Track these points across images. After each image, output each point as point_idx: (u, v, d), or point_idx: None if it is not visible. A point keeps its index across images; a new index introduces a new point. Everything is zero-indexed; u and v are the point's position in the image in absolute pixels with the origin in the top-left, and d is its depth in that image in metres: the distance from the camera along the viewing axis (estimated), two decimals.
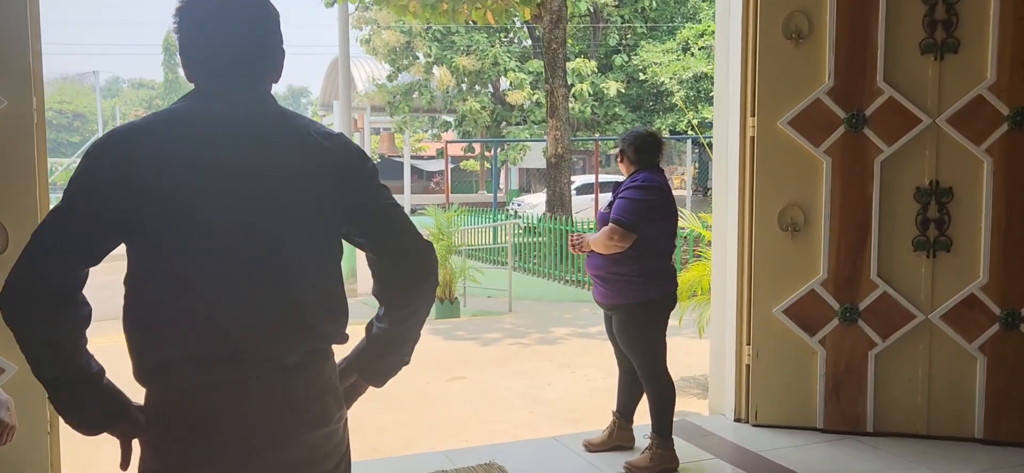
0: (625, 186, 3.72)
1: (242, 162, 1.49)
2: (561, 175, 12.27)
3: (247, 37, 1.58)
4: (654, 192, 3.68)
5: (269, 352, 1.49)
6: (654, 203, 3.66)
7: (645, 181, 3.68)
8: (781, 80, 4.23)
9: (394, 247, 1.67)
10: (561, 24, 12.36)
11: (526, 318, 8.18)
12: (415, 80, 26.03)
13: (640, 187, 3.66)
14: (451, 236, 8.87)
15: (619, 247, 3.60)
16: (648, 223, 3.64)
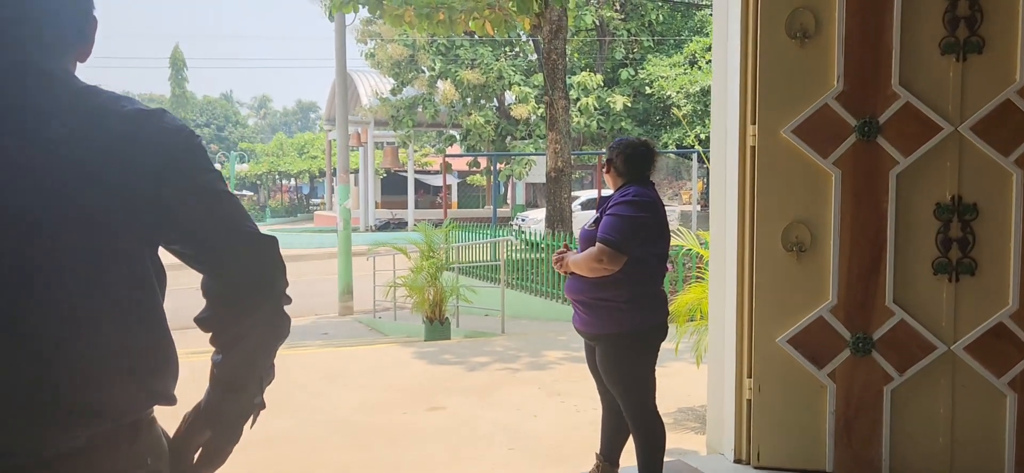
0: (614, 201, 3.31)
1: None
2: (561, 190, 11.87)
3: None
4: (646, 209, 3.27)
5: (16, 445, 1.07)
6: (647, 221, 3.26)
7: (636, 196, 3.28)
8: (784, 84, 3.81)
9: (211, 248, 1.27)
10: (561, 35, 11.99)
11: (518, 340, 7.76)
12: (419, 94, 25.80)
13: (631, 203, 3.25)
14: (441, 253, 8.46)
15: (606, 270, 3.19)
16: (640, 243, 3.23)
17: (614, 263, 3.17)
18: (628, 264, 3.19)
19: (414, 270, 8.30)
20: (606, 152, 3.50)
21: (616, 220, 3.21)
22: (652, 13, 24.68)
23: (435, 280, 8.16)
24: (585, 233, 3.40)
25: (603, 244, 3.18)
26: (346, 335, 11.73)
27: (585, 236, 3.38)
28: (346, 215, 14.35)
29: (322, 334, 11.87)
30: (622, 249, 3.17)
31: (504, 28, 12.23)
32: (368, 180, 29.54)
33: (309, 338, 11.40)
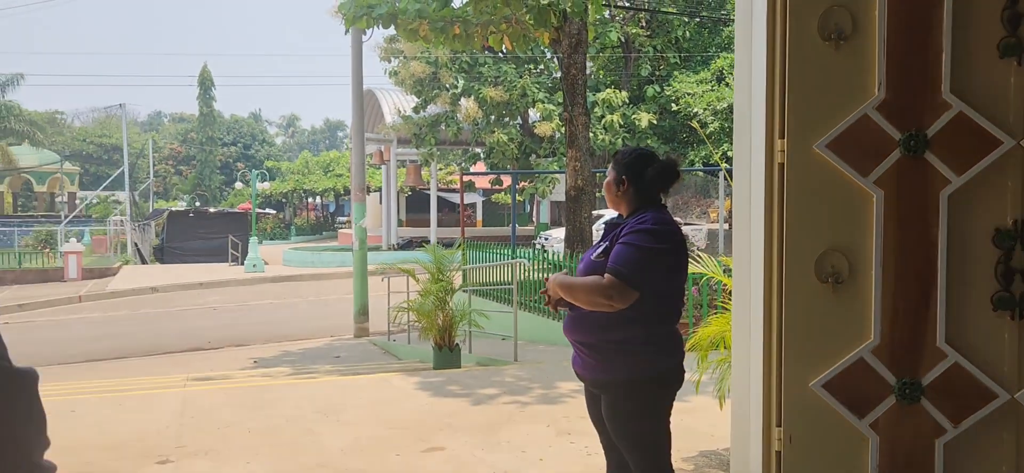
0: (629, 228, 2.83)
1: None
2: (581, 209, 11.43)
3: None
4: (667, 239, 2.83)
5: None
6: (667, 253, 2.82)
7: (656, 224, 2.81)
8: (817, 92, 3.34)
9: None
10: (581, 49, 11.58)
11: (531, 369, 7.31)
12: (442, 112, 25.55)
13: (651, 232, 2.79)
14: (451, 275, 8.04)
15: (611, 306, 2.74)
16: (658, 278, 2.78)
17: (623, 300, 2.72)
18: (643, 300, 2.75)
19: (422, 293, 7.90)
20: (615, 167, 3.00)
21: (631, 251, 2.75)
22: (678, 29, 24.23)
23: (444, 304, 7.75)
24: (588, 263, 2.93)
25: (615, 275, 2.73)
26: (358, 358, 11.35)
27: (589, 266, 2.92)
28: (361, 235, 14.01)
29: (334, 357, 11.51)
30: (635, 284, 2.72)
31: (523, 43, 11.87)
32: (391, 198, 29.29)
33: (320, 361, 11.06)
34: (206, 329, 15.49)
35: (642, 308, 2.74)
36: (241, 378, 8.69)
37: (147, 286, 22.46)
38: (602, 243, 2.89)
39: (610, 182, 2.99)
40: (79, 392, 7.35)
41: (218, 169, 56.24)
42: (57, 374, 10.94)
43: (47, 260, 27.66)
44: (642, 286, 2.72)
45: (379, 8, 11.16)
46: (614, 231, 2.88)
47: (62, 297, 21.22)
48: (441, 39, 11.49)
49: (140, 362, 12.17)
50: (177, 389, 6.98)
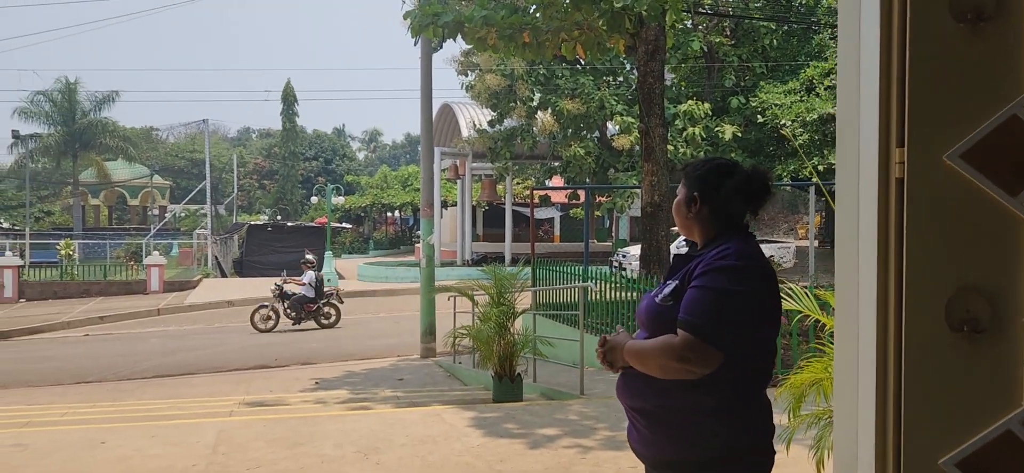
0: (705, 264, 2.15)
1: None
2: (658, 226, 10.69)
3: None
4: (754, 279, 2.14)
5: None
6: (754, 298, 2.13)
7: (741, 258, 2.13)
8: (949, 89, 2.58)
9: None
10: (658, 56, 10.87)
11: (598, 406, 6.63)
12: (518, 125, 25.13)
13: (734, 271, 2.11)
14: (513, 299, 7.43)
15: (691, 372, 2.08)
16: (744, 331, 2.11)
17: (704, 363, 2.06)
18: (725, 361, 2.09)
19: (481, 318, 7.33)
20: (686, 182, 2.32)
21: (709, 297, 2.08)
22: (765, 38, 23.19)
23: (504, 331, 7.15)
24: (652, 306, 2.26)
25: (690, 333, 2.06)
26: (421, 381, 10.87)
27: (652, 312, 2.24)
28: (429, 251, 13.55)
29: (397, 380, 11.06)
30: (719, 341, 2.06)
31: (596, 50, 11.24)
32: (466, 213, 28.96)
33: (383, 384, 10.62)
34: (275, 345, 15.30)
35: (721, 370, 2.08)
36: (294, 404, 8.29)
37: (223, 300, 22.62)
38: (671, 281, 2.23)
39: (680, 202, 2.33)
40: (120, 418, 7.06)
41: (299, 183, 57.25)
42: (116, 391, 10.81)
43: (131, 272, 28.30)
44: (726, 344, 2.06)
45: (445, 16, 10.71)
46: (686, 266, 2.22)
47: (142, 310, 21.53)
48: (510, 48, 10.96)
49: (204, 379, 11.97)
50: (220, 417, 6.60)
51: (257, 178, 64.72)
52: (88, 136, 48.97)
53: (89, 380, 12.48)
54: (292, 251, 31.35)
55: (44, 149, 49.11)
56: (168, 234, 46.34)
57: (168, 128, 61.25)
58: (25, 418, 7.04)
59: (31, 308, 23.28)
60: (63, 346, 16.79)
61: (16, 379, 12.72)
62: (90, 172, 51.85)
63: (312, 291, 17.28)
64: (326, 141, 66.11)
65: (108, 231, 49.86)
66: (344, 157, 66.02)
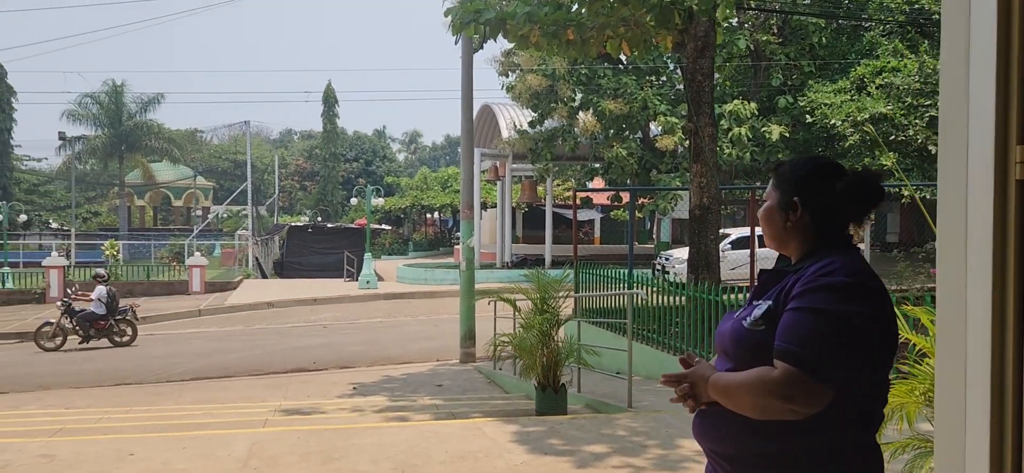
0: (807, 282, 1.78)
1: None
2: (707, 230, 10.26)
3: None
4: (868, 299, 1.76)
5: None
6: (870, 321, 1.75)
7: (851, 275, 1.77)
8: None
9: None
10: (707, 53, 10.45)
11: (647, 420, 6.26)
12: (559, 126, 24.79)
13: (843, 288, 1.74)
14: (557, 305, 7.09)
15: (794, 413, 1.72)
16: (858, 362, 1.73)
17: (810, 401, 1.70)
18: (835, 398, 1.73)
19: (524, 326, 7.00)
20: (780, 184, 1.96)
21: (815, 321, 1.72)
22: (814, 36, 22.53)
23: (548, 340, 6.81)
24: (738, 331, 1.89)
25: (792, 365, 1.70)
26: (460, 388, 10.58)
27: (739, 338, 1.88)
28: (469, 254, 13.27)
29: (436, 386, 10.79)
30: (827, 375, 1.69)
31: (643, 48, 10.85)
32: (505, 215, 28.68)
33: (421, 390, 10.35)
34: (314, 348, 15.14)
35: (830, 409, 1.73)
36: (330, 412, 8.05)
37: (263, 301, 22.60)
38: (761, 301, 1.87)
39: (772, 208, 1.97)
40: (153, 426, 6.88)
41: (340, 184, 57.52)
42: (154, 394, 10.69)
43: (174, 273, 28.49)
44: (835, 379, 1.71)
45: (487, 13, 10.41)
46: (780, 284, 1.86)
47: (183, 311, 21.60)
48: (553, 45, 10.61)
49: (242, 383, 11.83)
50: (253, 427, 6.36)
51: (298, 179, 65.21)
52: (134, 138, 49.74)
53: (128, 382, 12.42)
54: (332, 252, 31.40)
55: (91, 150, 49.98)
56: (211, 235, 46.84)
57: (212, 130, 62.03)
58: (58, 425, 6.89)
59: None
60: (105, 346, 16.83)
61: (57, 380, 12.73)
62: (136, 173, 52.69)
63: (103, 308, 16.16)
64: (366, 142, 66.37)
65: (153, 232, 50.56)
66: (384, 158, 66.22)
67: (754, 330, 1.83)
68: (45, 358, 15.39)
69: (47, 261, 26.36)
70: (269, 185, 60.18)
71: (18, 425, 7.20)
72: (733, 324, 1.91)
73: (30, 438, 5.90)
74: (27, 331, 18.93)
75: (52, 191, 57.87)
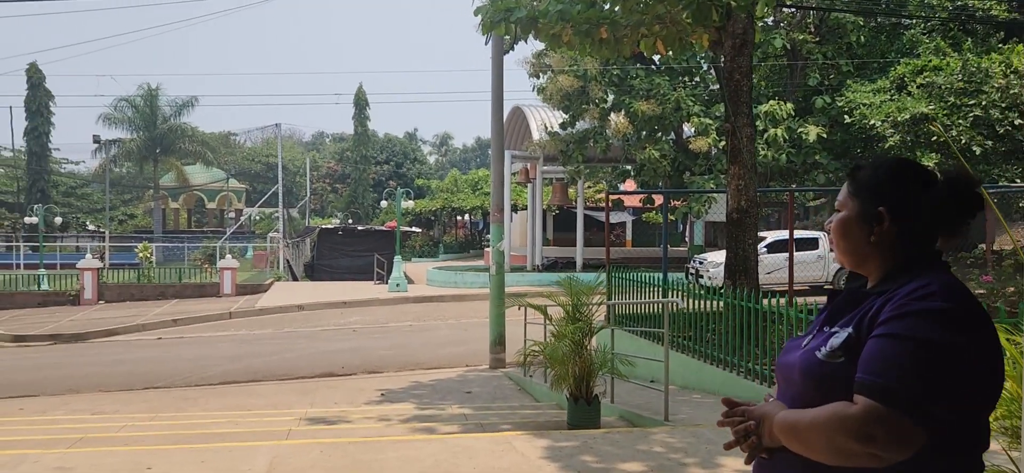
0: (895, 304, 1.52)
1: None
2: (745, 234, 9.91)
3: None
4: (973, 327, 1.49)
5: None
6: (974, 353, 1.48)
7: (949, 299, 1.51)
8: None
9: None
10: (746, 51, 10.11)
11: (685, 435, 5.95)
12: (590, 127, 24.48)
13: (944, 315, 1.48)
14: (590, 313, 6.82)
15: (877, 459, 1.46)
16: (959, 401, 1.46)
17: (900, 445, 1.44)
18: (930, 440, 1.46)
19: (556, 335, 6.74)
20: (860, 192, 1.67)
21: (910, 351, 1.45)
22: (852, 34, 21.99)
23: (581, 349, 6.54)
24: (810, 362, 1.60)
25: (877, 401, 1.44)
26: (490, 395, 10.34)
27: (811, 369, 1.59)
28: (499, 258, 13.03)
29: (465, 393, 10.57)
30: (921, 415, 1.43)
31: (678, 47, 10.54)
32: (536, 217, 28.42)
33: (450, 397, 10.14)
34: (342, 352, 15.01)
35: (925, 452, 1.45)
36: (356, 421, 7.86)
37: (293, 304, 22.57)
38: (839, 327, 1.59)
39: (850, 220, 1.68)
40: (175, 436, 6.72)
41: (371, 187, 57.62)
42: (181, 399, 10.60)
43: (205, 275, 28.62)
44: (932, 417, 1.43)
45: (517, 11, 10.16)
46: (861, 307, 1.59)
47: (214, 313, 21.63)
48: (586, 44, 10.33)
49: (269, 388, 11.71)
50: (277, 441, 6.17)
51: (330, 182, 65.48)
52: (168, 141, 50.28)
53: (157, 385, 12.37)
54: (362, 255, 31.34)
55: (127, 153, 50.61)
56: (243, 237, 47.13)
57: (245, 132, 62.51)
58: (79, 433, 6.76)
59: (109, 310, 23.68)
60: (136, 349, 16.88)
61: (88, 383, 12.72)
62: (170, 176, 53.24)
63: None
64: (397, 145, 66.47)
65: (186, 233, 51.05)
66: (415, 161, 66.29)
67: (831, 362, 1.55)
68: (77, 360, 15.43)
69: (81, 263, 26.62)
70: (301, 187, 60.52)
71: (41, 433, 7.10)
72: (803, 355, 1.63)
73: (49, 449, 5.76)
74: (61, 333, 19.08)
75: (89, 194, 58.71)
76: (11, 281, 27.87)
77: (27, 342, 18.50)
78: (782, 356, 1.75)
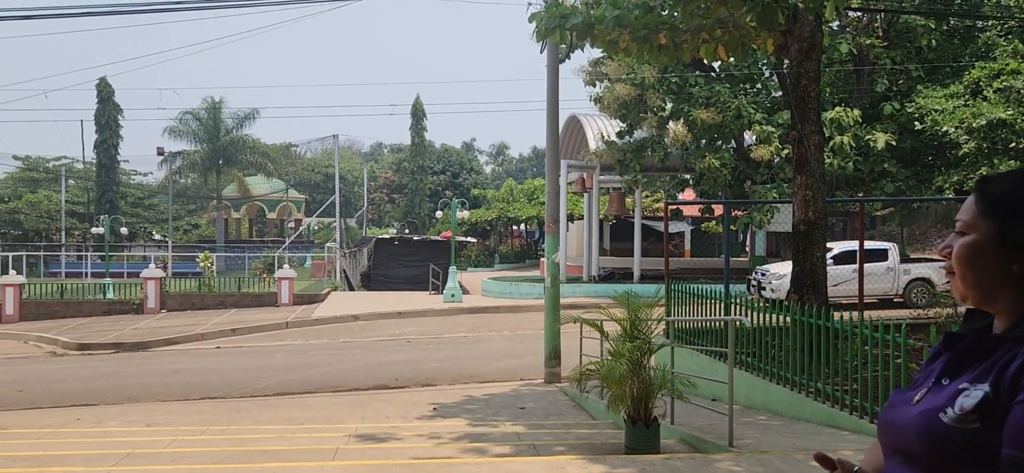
0: None
1: None
2: (813, 246, 9.43)
3: None
4: None
5: None
6: None
7: None
8: None
9: None
10: (813, 55, 9.64)
11: (752, 463, 5.57)
12: (648, 136, 24.04)
13: None
14: (649, 330, 6.48)
15: None
16: None
17: None
18: None
19: (613, 354, 6.43)
20: (993, 211, 1.35)
21: None
22: (923, 38, 21.10)
23: (639, 369, 6.21)
24: (932, 425, 1.29)
25: None
26: (544, 412, 10.05)
27: (933, 435, 1.28)
28: (554, 270, 12.73)
29: (519, 408, 10.30)
30: None
31: (740, 52, 10.11)
32: (592, 227, 28.02)
33: (503, 413, 9.88)
34: (396, 364, 14.88)
35: None
36: (406, 438, 7.64)
37: (348, 314, 22.60)
38: (966, 384, 1.28)
39: (980, 245, 1.35)
40: (222, 453, 6.59)
41: (427, 197, 57.89)
42: (235, 410, 10.55)
43: (264, 285, 28.93)
44: None
45: (573, 18, 9.89)
46: (994, 359, 1.27)
47: (271, 323, 21.77)
48: (644, 51, 10.00)
49: (322, 400, 11.61)
50: (323, 461, 5.99)
51: (387, 192, 66.00)
52: (231, 152, 51.30)
53: (213, 395, 12.39)
54: (418, 265, 31.34)
55: (191, 165, 51.76)
56: (302, 246, 47.75)
57: (305, 143, 63.47)
58: (128, 448, 6.69)
59: (171, 318, 24.06)
60: (195, 358, 17.02)
61: (146, 392, 12.81)
62: (232, 187, 54.29)
63: None
64: (454, 155, 66.69)
65: (247, 243, 51.94)
66: (471, 171, 66.40)
67: (963, 428, 1.23)
68: (137, 369, 15.61)
69: (145, 273, 27.15)
70: (359, 198, 61.12)
71: (90, 447, 7.05)
72: (923, 417, 1.31)
73: (94, 466, 5.68)
74: (123, 341, 19.40)
75: (156, 204, 60.23)
76: (79, 289, 28.58)
77: (91, 350, 18.85)
78: (888, 413, 1.43)
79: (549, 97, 12.81)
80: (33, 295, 26.57)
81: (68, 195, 53.56)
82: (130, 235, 50.57)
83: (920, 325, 10.39)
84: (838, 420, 7.16)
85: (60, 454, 6.56)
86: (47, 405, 11.90)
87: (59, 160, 57.24)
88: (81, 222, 52.25)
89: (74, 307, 25.95)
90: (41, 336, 20.75)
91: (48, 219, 51.54)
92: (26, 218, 50.91)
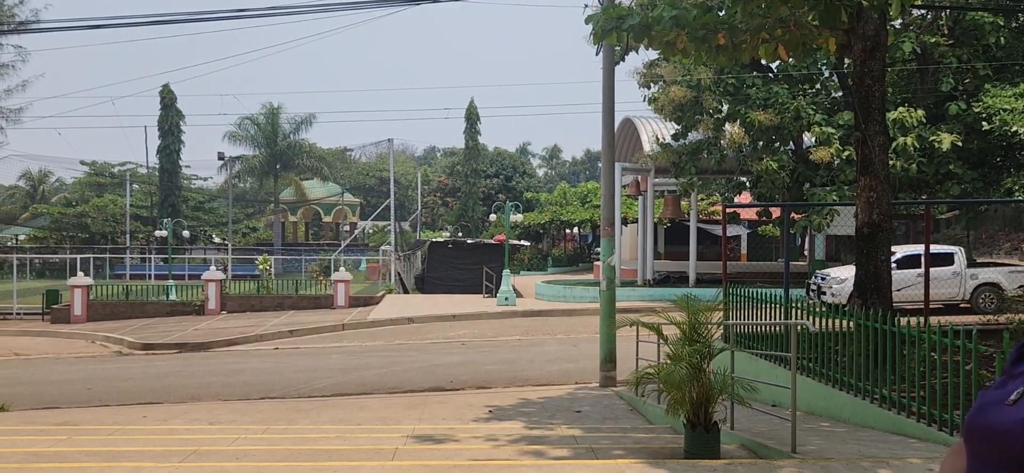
0: None
1: None
2: (878, 249, 9.19)
3: None
4: None
5: None
6: None
7: None
8: None
9: None
10: (878, 54, 9.40)
11: (816, 469, 5.45)
12: (704, 138, 23.76)
13: None
14: (709, 334, 6.38)
15: None
16: None
17: None
18: None
19: (672, 357, 6.35)
20: None
21: None
22: (991, 36, 20.44)
23: (699, 373, 6.12)
24: (1001, 423, 1.28)
25: None
26: (601, 415, 9.99)
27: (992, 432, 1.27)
28: (609, 273, 12.66)
29: (575, 412, 10.25)
30: None
31: (801, 52, 9.91)
32: (647, 230, 27.80)
33: (559, 416, 9.85)
34: (451, 366, 14.95)
35: None
36: (463, 439, 7.67)
37: (403, 317, 22.80)
38: None
39: None
40: (285, 452, 6.69)
41: (480, 200, 58.13)
42: (294, 410, 10.70)
43: (320, 287, 29.36)
44: None
45: (630, 19, 9.81)
46: None
47: (327, 325, 22.08)
48: (702, 51, 9.86)
49: (379, 402, 11.71)
50: (383, 461, 6.04)
51: (441, 195, 66.47)
52: (288, 157, 52.25)
53: (272, 395, 12.61)
54: (471, 268, 31.48)
55: (249, 169, 52.86)
56: (357, 249, 48.35)
57: (360, 147, 64.29)
58: (193, 446, 6.84)
59: (231, 320, 24.57)
60: (254, 359, 17.35)
61: (209, 391, 13.10)
62: (289, 191, 55.26)
63: None
64: (507, 158, 66.84)
65: (304, 246, 52.79)
66: (524, 174, 66.48)
67: None
68: (199, 368, 15.98)
69: (206, 275, 27.78)
70: (413, 201, 61.65)
71: (157, 444, 7.23)
72: (1008, 418, 1.25)
73: (161, 462, 5.82)
74: (186, 342, 19.88)
75: (215, 208, 61.64)
76: (143, 291, 29.39)
77: (155, 351, 19.36)
78: (979, 418, 1.37)
79: (604, 99, 12.74)
80: (99, 296, 27.39)
81: (132, 199, 55.15)
82: (191, 238, 51.86)
83: (990, 331, 10.06)
84: (904, 427, 6.96)
85: (129, 450, 6.75)
86: (114, 403, 12.28)
87: (124, 165, 59.01)
88: (145, 225, 53.76)
89: (138, 308, 26.69)
90: (108, 336, 21.38)
91: (113, 222, 53.16)
92: (93, 221, 52.58)
